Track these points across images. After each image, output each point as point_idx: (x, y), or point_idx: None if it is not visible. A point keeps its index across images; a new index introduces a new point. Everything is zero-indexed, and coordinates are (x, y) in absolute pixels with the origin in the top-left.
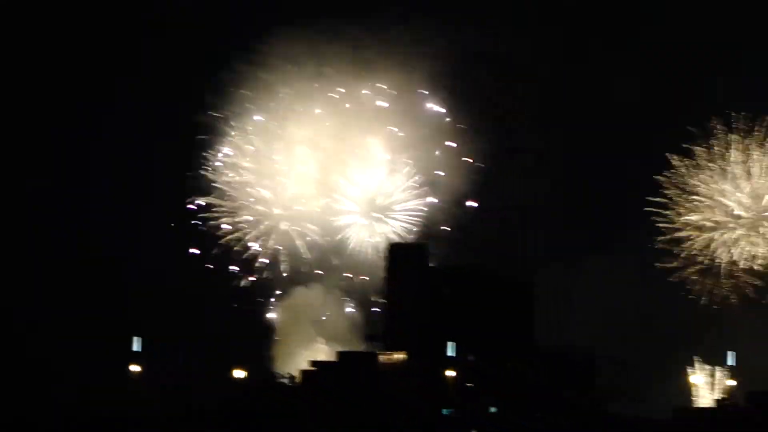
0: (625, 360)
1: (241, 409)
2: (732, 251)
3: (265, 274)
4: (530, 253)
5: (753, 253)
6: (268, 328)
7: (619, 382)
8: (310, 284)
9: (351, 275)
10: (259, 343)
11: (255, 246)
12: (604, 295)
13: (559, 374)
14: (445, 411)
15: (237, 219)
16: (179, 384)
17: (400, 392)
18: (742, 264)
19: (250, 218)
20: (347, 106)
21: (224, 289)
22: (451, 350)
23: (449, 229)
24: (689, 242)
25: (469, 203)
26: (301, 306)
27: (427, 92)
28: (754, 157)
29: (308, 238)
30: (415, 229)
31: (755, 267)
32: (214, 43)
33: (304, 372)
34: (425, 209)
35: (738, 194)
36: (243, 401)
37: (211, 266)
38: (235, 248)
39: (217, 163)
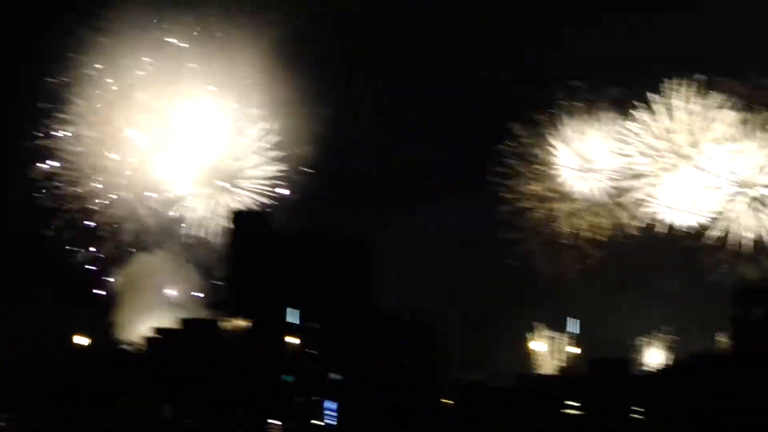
0: (466, 326)
1: (83, 377)
2: (573, 222)
3: (107, 244)
4: (370, 216)
5: (595, 224)
6: (111, 296)
7: (460, 349)
8: (153, 252)
9: (194, 243)
10: (102, 311)
11: (96, 215)
12: (444, 261)
13: (397, 340)
14: (286, 378)
15: (79, 188)
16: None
17: (242, 359)
18: (583, 235)
19: (92, 187)
20: (194, 70)
21: (65, 258)
22: (292, 317)
23: (295, 194)
24: (531, 212)
25: (307, 169)
26: (143, 273)
27: (276, 55)
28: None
29: (149, 207)
30: (260, 196)
31: (597, 237)
32: (55, 8)
33: (147, 339)
34: (273, 175)
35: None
36: (85, 369)
37: (52, 235)
38: (77, 218)
39: (58, 132)
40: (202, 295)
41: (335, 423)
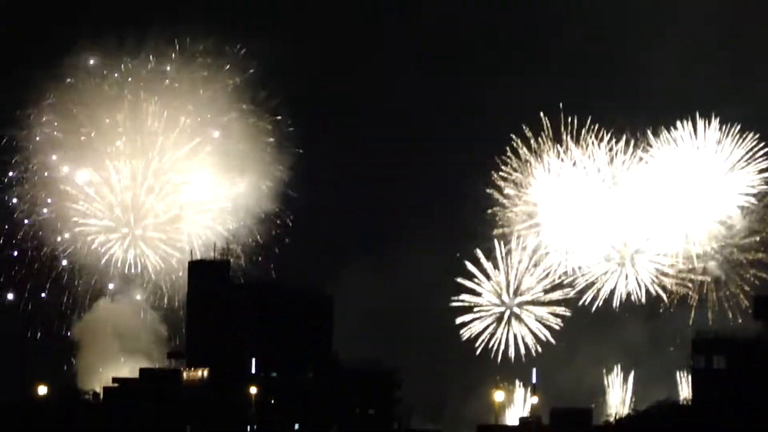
0: (428, 376)
1: (42, 428)
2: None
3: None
4: (332, 266)
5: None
6: (71, 343)
7: (422, 399)
8: (115, 297)
9: (155, 291)
10: (61, 358)
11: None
12: (405, 312)
13: (359, 390)
14: (248, 428)
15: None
16: None
17: (203, 410)
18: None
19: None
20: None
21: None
22: (252, 367)
23: (255, 244)
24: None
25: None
26: (103, 319)
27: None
28: None
29: (111, 252)
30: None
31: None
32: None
33: (106, 389)
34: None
35: None
36: (44, 419)
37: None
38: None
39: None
40: (165, 341)
41: None
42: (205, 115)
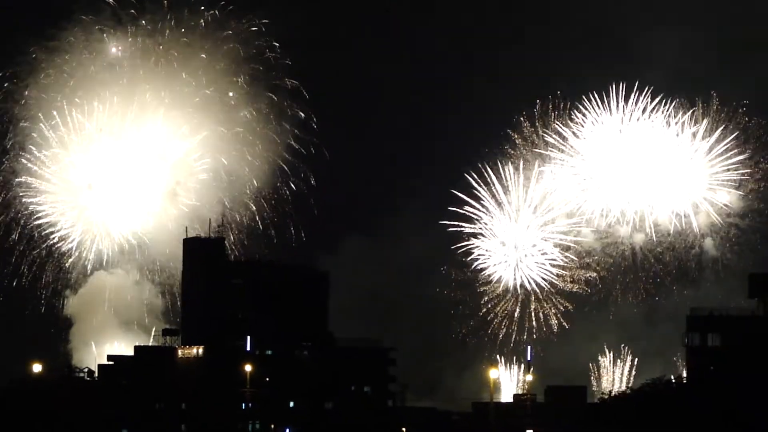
0: (423, 354)
1: (37, 405)
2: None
3: (68, 261)
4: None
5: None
6: (68, 317)
7: (417, 376)
8: (112, 270)
9: (154, 263)
10: (57, 333)
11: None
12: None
13: (354, 367)
14: (243, 405)
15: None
16: None
17: (198, 387)
18: None
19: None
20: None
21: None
22: (248, 344)
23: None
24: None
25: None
26: (100, 293)
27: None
28: None
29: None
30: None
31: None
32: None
33: (101, 366)
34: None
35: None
36: (39, 397)
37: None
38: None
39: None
40: (161, 315)
41: None
42: (205, 91)
